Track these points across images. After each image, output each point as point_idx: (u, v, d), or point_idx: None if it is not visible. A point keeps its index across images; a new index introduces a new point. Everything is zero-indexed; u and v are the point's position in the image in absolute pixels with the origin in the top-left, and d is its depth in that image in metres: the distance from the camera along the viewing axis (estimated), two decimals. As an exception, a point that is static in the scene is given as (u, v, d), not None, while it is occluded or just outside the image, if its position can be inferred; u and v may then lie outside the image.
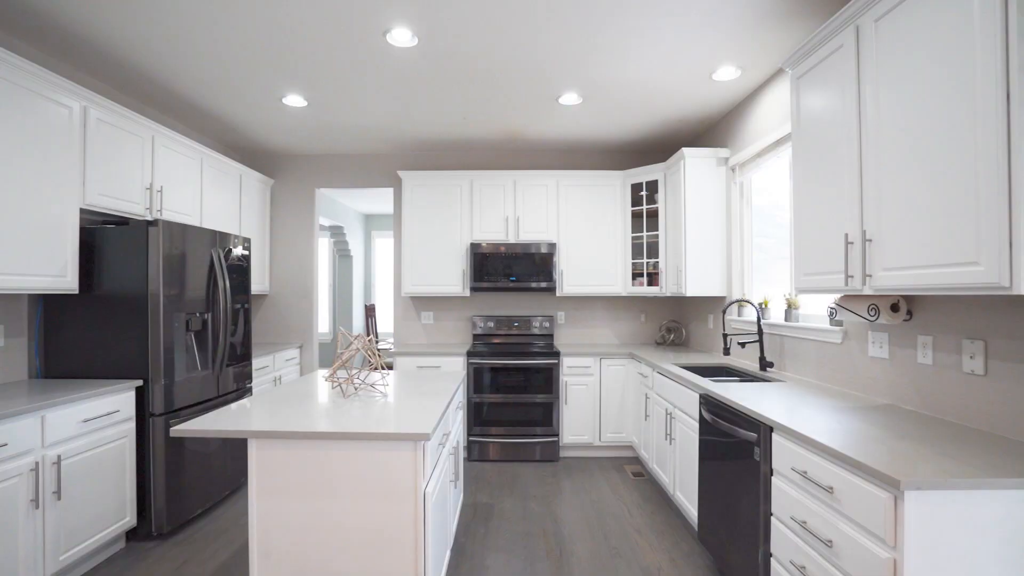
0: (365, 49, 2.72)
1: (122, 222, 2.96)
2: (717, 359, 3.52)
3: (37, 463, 2.07)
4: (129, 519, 2.58)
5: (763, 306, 3.13)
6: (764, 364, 2.94)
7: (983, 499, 1.27)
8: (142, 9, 2.32)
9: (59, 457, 2.15)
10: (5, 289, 2.20)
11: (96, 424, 2.37)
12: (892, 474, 1.27)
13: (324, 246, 7.39)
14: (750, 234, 3.51)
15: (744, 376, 3.06)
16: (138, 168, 3.01)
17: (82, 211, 2.69)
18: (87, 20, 2.42)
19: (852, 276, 1.86)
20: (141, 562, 2.48)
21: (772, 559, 1.84)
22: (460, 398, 2.86)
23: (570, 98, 3.41)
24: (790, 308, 2.85)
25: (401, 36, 2.57)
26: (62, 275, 2.51)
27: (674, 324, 4.55)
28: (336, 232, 7.43)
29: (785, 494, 1.76)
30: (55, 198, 2.46)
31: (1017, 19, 1.27)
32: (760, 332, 3.00)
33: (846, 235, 1.88)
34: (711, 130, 3.99)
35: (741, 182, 3.56)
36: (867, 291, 1.80)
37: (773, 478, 1.85)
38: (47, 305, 2.71)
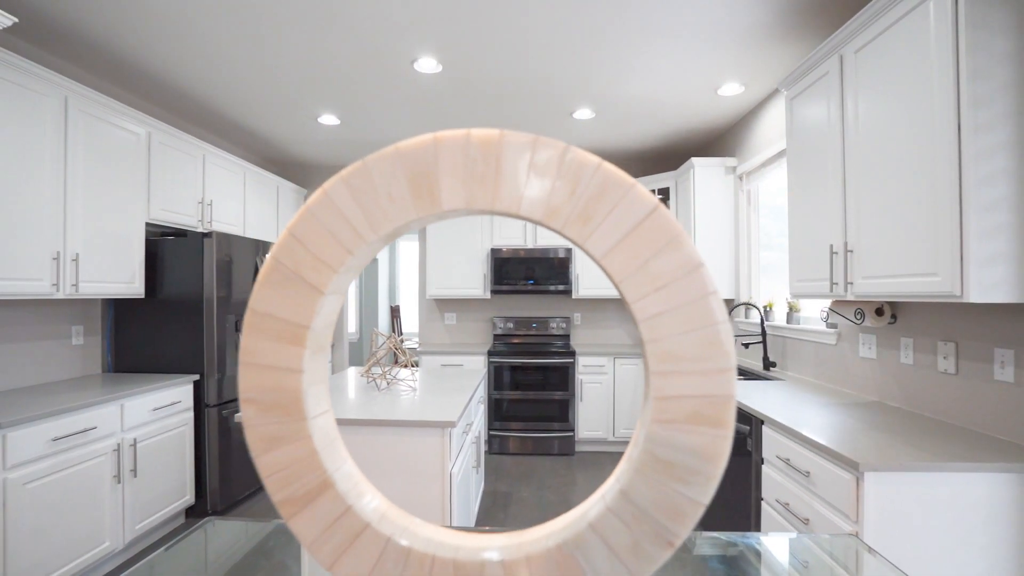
0: (395, 75, 3.00)
1: (179, 233, 3.30)
2: (725, 359, 3.69)
3: (119, 444, 2.39)
4: (189, 497, 2.90)
5: (768, 308, 3.30)
6: (767, 364, 3.12)
7: (935, 481, 1.45)
8: (199, 47, 2.63)
9: (135, 440, 2.48)
10: (87, 294, 2.54)
11: (163, 413, 2.70)
12: (853, 458, 1.47)
13: (352, 250, 7.74)
14: (757, 240, 3.67)
15: (748, 375, 3.24)
16: (192, 184, 3.35)
17: (147, 225, 3.03)
18: (153, 57, 2.75)
19: (836, 283, 2.04)
20: (199, 536, 2.80)
21: (762, 539, 2.04)
22: (481, 393, 3.11)
23: (583, 113, 3.63)
24: (791, 311, 3.01)
25: (427, 64, 2.83)
26: (131, 282, 2.84)
27: (686, 325, 4.72)
28: (363, 236, 7.77)
29: (773, 480, 1.96)
30: (126, 214, 2.79)
31: (966, 61, 1.46)
32: (763, 333, 3.17)
33: (831, 246, 2.07)
34: (719, 140, 4.16)
35: (748, 190, 3.72)
36: (849, 297, 1.98)
37: (763, 466, 2.05)
38: (117, 308, 3.05)
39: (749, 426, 2.17)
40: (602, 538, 0.33)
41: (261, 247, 3.56)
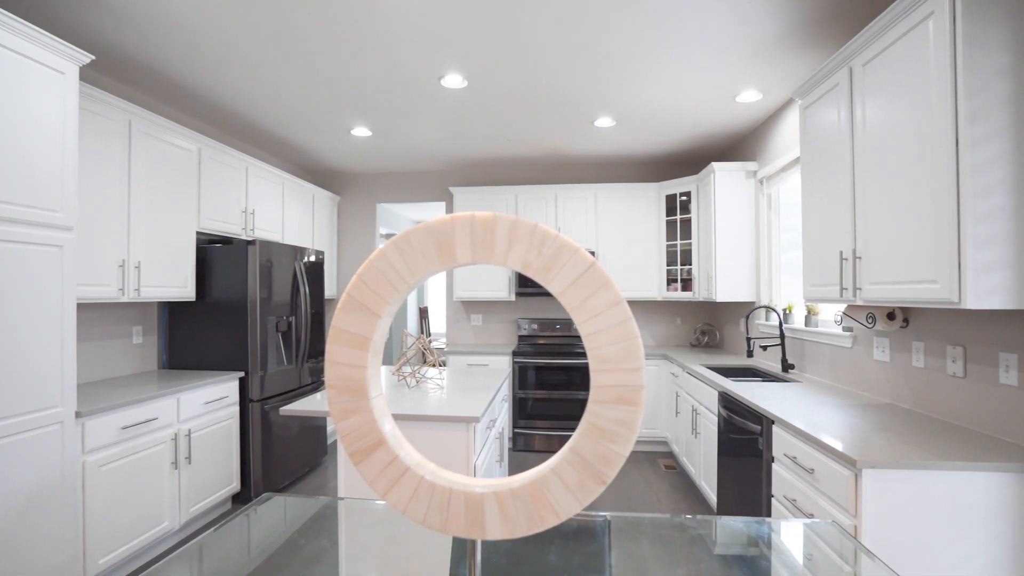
0: (423, 91, 3.18)
1: (225, 241, 3.56)
2: (744, 361, 3.75)
3: (176, 434, 2.64)
4: (235, 485, 3.15)
5: (787, 311, 3.35)
6: (785, 366, 3.17)
7: (932, 479, 1.53)
8: (245, 70, 2.86)
9: (190, 431, 2.73)
10: (147, 298, 2.80)
11: (213, 406, 2.95)
12: (851, 455, 1.56)
13: (382, 253, 8.02)
14: (778, 243, 3.71)
15: (766, 377, 3.29)
16: (236, 195, 3.61)
17: (197, 233, 3.29)
18: (204, 80, 2.99)
19: (846, 288, 2.11)
20: (245, 520, 3.04)
21: (772, 534, 2.12)
22: (505, 392, 3.26)
23: (604, 121, 3.74)
24: (810, 314, 3.06)
25: (453, 80, 3.00)
26: (184, 286, 3.10)
27: (708, 327, 4.77)
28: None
29: (781, 478, 2.04)
30: (180, 224, 3.06)
31: (963, 78, 1.53)
32: (782, 336, 3.22)
33: (840, 252, 2.14)
34: (740, 144, 4.20)
35: (769, 193, 3.76)
36: (859, 302, 2.05)
37: (773, 464, 2.13)
38: (171, 310, 3.33)
39: (760, 426, 2.25)
40: (559, 477, 0.48)
41: (299, 253, 3.80)
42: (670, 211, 4.64)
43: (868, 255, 1.98)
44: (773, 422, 2.14)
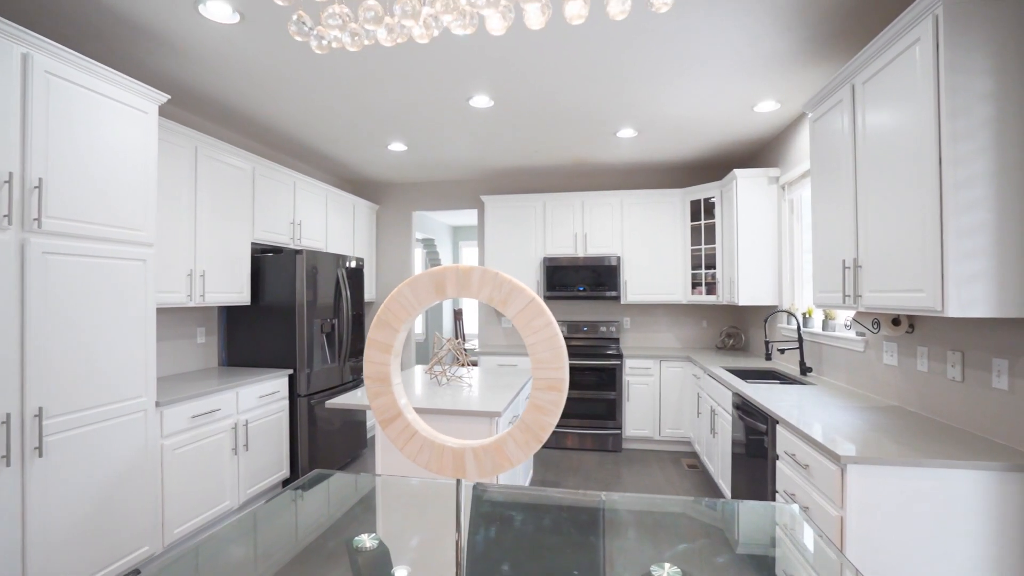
0: (453, 111, 3.43)
1: (275, 250, 3.91)
2: (765, 364, 3.82)
3: (235, 423, 2.98)
4: (285, 471, 3.48)
5: (807, 315, 3.41)
6: (804, 369, 3.24)
7: (916, 475, 1.64)
8: (296, 99, 3.18)
9: (247, 421, 3.07)
10: (211, 303, 3.16)
11: (266, 400, 3.28)
12: (836, 451, 1.69)
13: (418, 256, 8.37)
14: (799, 247, 3.77)
15: (784, 379, 3.37)
16: (285, 208, 3.96)
17: (251, 244, 3.65)
18: (259, 108, 3.34)
19: (848, 296, 2.22)
20: (294, 504, 3.36)
21: (776, 528, 2.25)
22: (531, 391, 3.47)
23: (626, 132, 3.90)
24: (827, 319, 3.13)
25: (481, 100, 3.24)
26: (240, 292, 3.46)
27: (733, 330, 4.83)
28: (428, 244, 8.37)
29: (784, 474, 2.17)
30: (237, 236, 3.41)
31: (946, 101, 1.64)
32: (800, 340, 3.30)
33: (843, 261, 2.24)
34: (763, 151, 4.26)
35: (791, 199, 3.82)
36: (859, 308, 2.15)
37: (777, 462, 2.26)
38: (229, 313, 3.70)
39: (766, 425, 2.37)
40: (512, 438, 0.69)
41: (341, 260, 4.13)
42: (694, 216, 4.73)
43: (868, 263, 2.08)
44: (777, 422, 2.26)
